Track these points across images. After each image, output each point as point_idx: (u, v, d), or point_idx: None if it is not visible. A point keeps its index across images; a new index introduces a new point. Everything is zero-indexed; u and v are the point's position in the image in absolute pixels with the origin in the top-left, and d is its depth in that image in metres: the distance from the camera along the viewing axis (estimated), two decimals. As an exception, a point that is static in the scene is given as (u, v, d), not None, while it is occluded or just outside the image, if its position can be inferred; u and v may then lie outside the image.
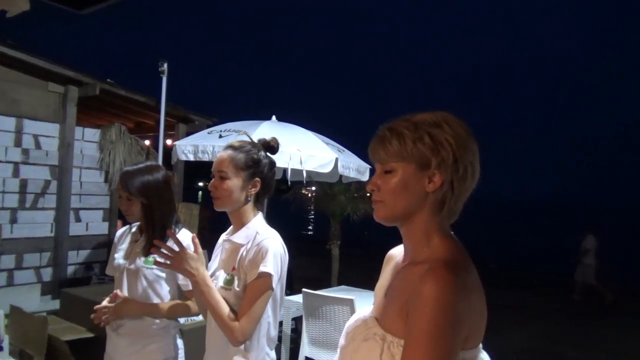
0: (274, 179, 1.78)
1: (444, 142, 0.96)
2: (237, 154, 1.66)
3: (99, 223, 6.32)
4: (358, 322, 1.08)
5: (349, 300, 3.49)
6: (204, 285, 1.56)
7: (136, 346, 1.96)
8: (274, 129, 4.18)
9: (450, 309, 0.87)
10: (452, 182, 0.97)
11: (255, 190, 1.68)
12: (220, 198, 1.65)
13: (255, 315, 1.55)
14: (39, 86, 5.62)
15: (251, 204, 1.70)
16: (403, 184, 0.99)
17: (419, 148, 0.97)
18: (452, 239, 1.01)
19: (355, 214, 6.65)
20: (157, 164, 2.10)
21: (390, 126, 1.02)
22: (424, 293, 0.88)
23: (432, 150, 0.97)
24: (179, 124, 7.08)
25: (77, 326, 3.82)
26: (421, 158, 0.97)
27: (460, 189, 0.98)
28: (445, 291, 0.87)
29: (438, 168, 0.96)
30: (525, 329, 6.98)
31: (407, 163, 0.99)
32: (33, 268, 5.66)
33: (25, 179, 5.52)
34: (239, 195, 1.65)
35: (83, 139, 6.04)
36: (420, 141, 0.97)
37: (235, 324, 1.53)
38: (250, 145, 1.71)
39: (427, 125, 0.98)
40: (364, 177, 4.59)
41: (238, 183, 1.64)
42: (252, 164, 1.66)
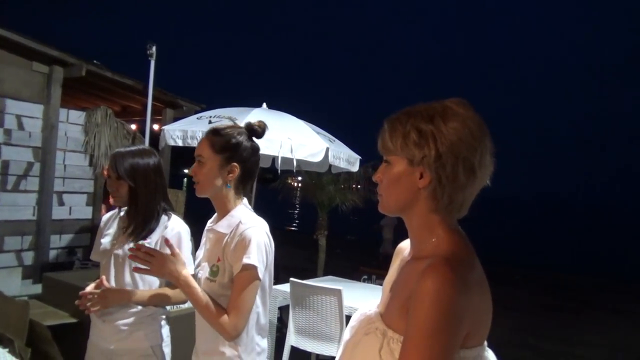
0: (257, 165, 1.72)
1: (429, 137, 0.94)
2: (215, 138, 1.62)
3: (83, 207, 6.22)
4: (362, 316, 1.07)
5: (336, 291, 3.49)
6: (187, 286, 1.53)
7: (122, 333, 1.93)
8: (264, 117, 4.12)
9: (450, 307, 0.85)
10: (440, 179, 0.94)
11: (233, 175, 1.62)
12: (198, 183, 1.62)
13: (245, 309, 1.53)
14: (22, 65, 5.47)
15: (232, 190, 1.65)
16: (397, 178, 0.98)
17: (407, 143, 0.96)
18: (457, 234, 0.98)
19: (344, 205, 6.64)
20: (151, 149, 2.05)
21: (389, 118, 1.01)
22: (423, 289, 0.86)
23: (417, 146, 0.95)
24: (166, 109, 6.97)
25: (60, 311, 3.75)
26: (410, 153, 0.96)
27: (452, 185, 0.94)
28: (444, 287, 0.85)
29: (421, 164, 0.95)
30: (502, 322, 7.10)
31: (400, 157, 0.98)
32: (14, 251, 5.55)
33: (7, 160, 5.39)
34: (215, 179, 1.61)
35: (68, 121, 5.92)
36: (408, 136, 0.96)
37: (225, 320, 1.51)
38: (231, 128, 1.66)
39: (419, 118, 0.96)
40: (354, 167, 4.58)
41: (213, 167, 1.60)
42: (229, 148, 1.61)
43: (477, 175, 0.95)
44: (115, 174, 1.92)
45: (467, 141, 0.94)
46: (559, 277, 12.84)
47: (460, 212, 0.99)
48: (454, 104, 0.98)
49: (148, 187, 1.94)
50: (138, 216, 1.92)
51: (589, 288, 11.47)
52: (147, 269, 1.55)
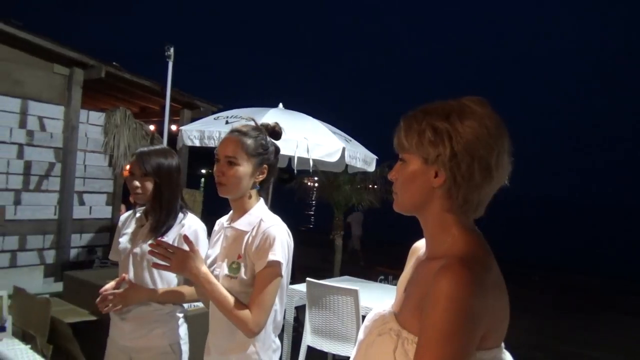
0: (277, 165, 1.74)
1: (445, 136, 0.92)
2: (246, 140, 1.61)
3: (103, 207, 6.31)
4: (377, 316, 1.06)
5: (353, 291, 3.48)
6: (208, 283, 1.52)
7: (141, 331, 1.95)
8: (281, 117, 4.14)
9: (465, 307, 0.83)
10: (455, 178, 0.92)
11: (263, 177, 1.65)
12: (226, 185, 1.60)
13: (267, 305, 1.53)
14: (44, 68, 5.57)
15: (255, 190, 1.66)
16: (411, 177, 0.97)
17: (422, 141, 0.94)
18: (473, 233, 0.97)
19: (361, 205, 6.61)
20: (171, 150, 2.10)
21: (406, 116, 1.00)
22: (438, 289, 0.85)
23: (432, 144, 0.93)
24: (184, 109, 7.04)
25: (80, 309, 3.81)
26: (425, 152, 0.94)
27: (467, 185, 0.92)
28: (459, 288, 0.84)
29: (436, 163, 0.93)
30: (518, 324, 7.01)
31: (415, 156, 0.96)
32: (36, 250, 5.67)
33: (30, 160, 5.50)
34: (247, 182, 1.61)
35: (88, 122, 6.02)
36: (423, 134, 0.94)
37: (248, 316, 1.50)
38: (257, 130, 1.66)
39: (435, 116, 0.94)
40: (370, 167, 4.56)
41: (248, 170, 1.60)
42: (261, 151, 1.63)
43: (493, 175, 0.93)
44: (141, 171, 1.95)
45: (483, 140, 0.92)
46: (576, 278, 12.65)
47: (477, 212, 0.98)
48: (471, 102, 0.96)
49: (171, 185, 1.99)
50: (161, 213, 1.96)
51: (606, 289, 11.29)
52: (167, 265, 1.55)
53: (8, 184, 5.36)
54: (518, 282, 10.66)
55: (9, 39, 5.11)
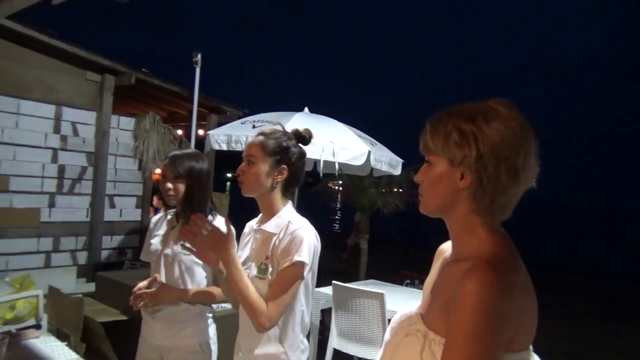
0: (303, 169, 1.76)
1: (470, 137, 0.93)
2: (267, 140, 1.67)
3: (132, 210, 6.47)
4: (403, 317, 1.07)
5: (379, 295, 3.47)
6: (234, 266, 1.54)
7: (172, 330, 2.00)
8: (306, 121, 4.17)
9: (492, 309, 0.83)
10: (481, 180, 0.92)
11: (282, 177, 1.66)
12: (246, 183, 1.65)
13: (283, 302, 1.54)
14: (77, 75, 5.76)
15: (279, 193, 1.69)
16: (437, 179, 0.98)
17: (448, 143, 0.95)
18: (499, 235, 0.96)
19: (386, 208, 6.59)
20: (202, 154, 2.16)
21: (431, 118, 1.00)
22: (465, 291, 0.85)
23: (458, 146, 0.94)
24: (211, 114, 7.16)
25: (111, 309, 3.91)
26: (450, 154, 0.95)
27: (494, 187, 0.92)
28: (487, 290, 0.83)
29: (461, 164, 0.94)
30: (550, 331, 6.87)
31: (441, 158, 0.97)
32: (69, 251, 5.84)
33: (63, 164, 5.69)
34: (264, 180, 1.64)
35: (118, 127, 6.18)
36: (449, 136, 0.95)
37: (262, 309, 1.51)
38: (282, 133, 1.71)
39: (461, 118, 0.95)
40: (396, 171, 4.54)
41: (264, 168, 1.64)
42: (280, 150, 1.66)
43: (520, 177, 0.93)
44: (173, 173, 2.00)
45: (509, 142, 0.92)
46: (609, 284, 12.29)
47: (504, 215, 0.97)
48: (497, 104, 0.96)
49: (201, 188, 2.04)
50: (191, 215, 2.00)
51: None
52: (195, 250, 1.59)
53: (43, 187, 5.55)
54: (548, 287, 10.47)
55: (44, 47, 5.30)
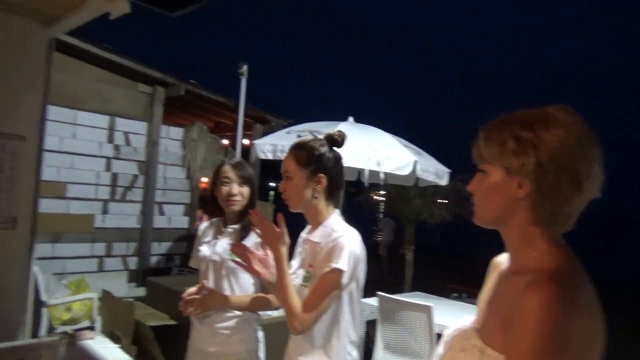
0: (342, 173, 1.73)
1: (528, 145, 0.88)
2: (299, 152, 1.65)
3: (180, 217, 6.65)
4: (457, 331, 1.03)
5: (426, 307, 3.39)
6: (282, 263, 1.57)
7: (220, 336, 2.02)
8: (351, 130, 4.15)
9: (555, 327, 0.78)
10: (541, 189, 0.88)
11: (321, 186, 1.64)
12: (289, 199, 1.65)
13: (317, 307, 1.52)
14: (129, 87, 6.02)
15: (323, 201, 1.67)
16: (492, 188, 0.94)
17: (504, 151, 0.91)
18: (561, 248, 0.92)
19: (432, 219, 6.46)
20: None
21: (486, 126, 0.97)
22: (526, 306, 0.80)
23: (516, 154, 0.89)
24: (255, 124, 7.29)
25: (161, 313, 4.01)
26: (507, 162, 0.91)
27: (555, 196, 0.88)
28: (550, 306, 0.79)
29: (519, 173, 0.89)
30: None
31: (496, 166, 0.93)
32: (120, 256, 6.06)
33: (116, 173, 5.93)
34: (305, 192, 1.63)
35: (168, 136, 6.40)
36: (505, 144, 0.91)
37: (298, 312, 1.52)
38: (313, 141, 1.68)
39: (517, 125, 0.91)
40: (443, 181, 4.46)
41: (302, 181, 1.62)
42: (314, 160, 1.63)
43: (583, 186, 0.88)
44: (241, 179, 2.06)
45: (571, 149, 0.87)
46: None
47: (566, 226, 0.92)
48: (556, 110, 0.92)
49: (256, 193, 2.12)
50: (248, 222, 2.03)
51: None
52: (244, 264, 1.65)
53: (97, 195, 5.80)
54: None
55: (100, 61, 5.58)
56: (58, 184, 5.42)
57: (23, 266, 2.78)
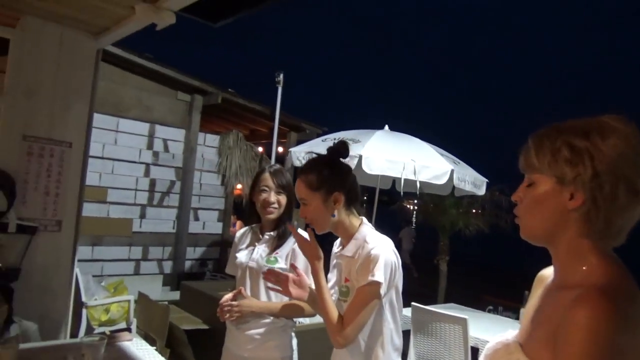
0: (356, 183, 1.71)
1: (585, 154, 0.85)
2: (307, 176, 1.63)
3: (214, 223, 6.76)
4: (499, 345, 1.00)
5: (462, 320, 3.32)
6: (321, 277, 1.58)
7: (255, 342, 2.03)
8: (387, 139, 4.15)
9: (606, 342, 0.75)
10: (596, 200, 0.85)
11: (339, 204, 1.63)
12: (313, 224, 1.65)
13: (360, 322, 1.52)
14: (169, 95, 6.19)
15: (346, 216, 1.66)
16: (540, 199, 0.91)
17: (557, 160, 0.88)
18: (613, 261, 0.88)
19: (468, 229, 6.34)
20: None
21: (536, 134, 0.94)
22: (575, 321, 0.78)
23: (570, 163, 0.86)
24: (290, 132, 7.36)
25: (194, 317, 4.08)
26: (559, 171, 0.88)
27: (610, 208, 0.85)
28: (600, 320, 0.76)
29: (576, 183, 0.86)
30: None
31: (546, 176, 0.90)
32: (156, 260, 6.20)
33: (155, 179, 6.09)
34: (325, 214, 1.63)
35: (204, 144, 6.54)
36: (558, 153, 0.88)
37: (339, 327, 1.52)
38: (317, 162, 1.67)
39: (572, 134, 0.88)
40: (480, 191, 4.38)
41: (319, 204, 1.62)
42: (324, 181, 1.62)
43: (639, 198, 0.85)
44: (278, 187, 2.07)
45: (629, 159, 0.85)
46: None
47: (618, 239, 0.89)
48: (612, 119, 0.89)
49: (294, 202, 2.08)
50: (284, 227, 2.06)
51: None
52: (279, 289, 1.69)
53: (136, 200, 5.97)
54: None
55: (142, 70, 5.76)
56: (99, 189, 5.61)
57: (67, 268, 2.88)
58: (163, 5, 2.04)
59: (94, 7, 2.17)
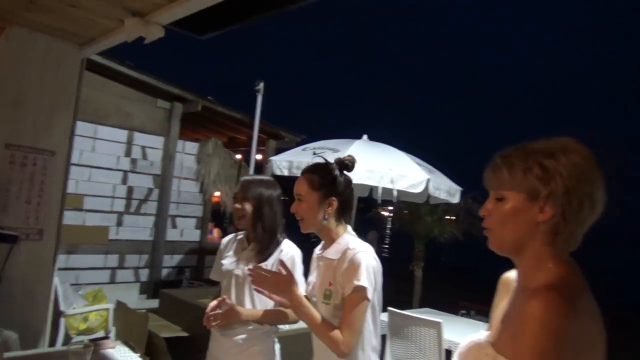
0: (352, 195, 1.83)
1: (555, 173, 0.95)
2: (312, 176, 1.75)
3: (192, 230, 6.74)
4: (472, 344, 1.09)
5: (436, 323, 3.44)
6: (300, 305, 1.64)
7: (240, 347, 2.08)
8: (365, 148, 4.25)
9: (555, 331, 0.84)
10: (564, 214, 0.95)
11: (332, 208, 1.73)
12: (301, 220, 1.74)
13: (356, 327, 1.61)
14: (149, 102, 6.17)
15: (333, 222, 1.76)
16: (512, 213, 1.00)
17: (528, 178, 0.97)
18: (569, 264, 0.99)
19: (443, 236, 6.50)
20: (274, 181, 2.24)
21: (504, 154, 1.03)
22: (528, 313, 0.87)
23: (542, 181, 0.96)
24: (269, 139, 7.40)
25: (173, 325, 4.07)
26: (531, 188, 0.97)
27: (575, 220, 0.95)
28: (550, 310, 0.85)
29: (547, 199, 0.96)
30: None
31: (517, 192, 0.99)
32: (133, 268, 6.14)
33: (132, 186, 6.05)
34: (317, 214, 1.72)
35: (183, 151, 6.52)
36: (530, 171, 0.97)
37: (339, 337, 1.59)
38: (325, 165, 1.78)
39: (540, 154, 0.98)
40: (454, 199, 4.51)
41: (314, 203, 1.72)
42: (325, 184, 1.73)
43: (597, 209, 0.96)
44: (243, 196, 2.13)
45: (589, 176, 0.95)
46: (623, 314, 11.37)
47: (575, 245, 0.99)
48: (570, 141, 0.99)
49: (270, 212, 2.13)
50: (263, 238, 2.10)
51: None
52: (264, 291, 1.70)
53: (113, 207, 5.91)
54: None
55: (123, 77, 5.74)
56: (76, 196, 5.53)
57: (47, 276, 2.88)
58: (152, 19, 2.09)
59: (83, 20, 2.21)
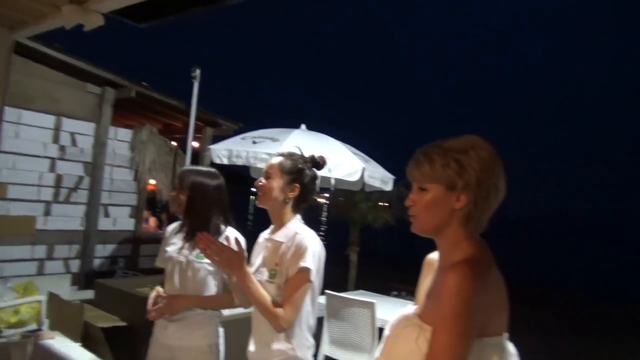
0: (314, 191, 2.00)
1: (469, 167, 1.13)
2: (285, 161, 1.91)
3: (126, 219, 6.57)
4: (401, 317, 1.27)
5: (370, 304, 3.66)
6: (248, 280, 1.75)
7: (184, 331, 2.16)
8: (304, 137, 4.37)
9: (467, 297, 1.03)
10: (476, 201, 1.14)
11: (294, 194, 1.89)
12: (262, 194, 1.89)
13: (296, 305, 1.75)
14: (78, 87, 5.91)
15: (290, 207, 1.90)
16: (434, 202, 1.18)
17: (446, 172, 1.15)
18: (479, 244, 1.19)
19: (377, 222, 6.79)
20: (216, 172, 2.30)
21: (424, 151, 1.21)
22: (447, 283, 1.06)
23: (458, 174, 1.13)
24: (206, 127, 7.32)
25: (110, 315, 4.01)
26: (449, 180, 1.15)
27: (484, 206, 1.15)
28: (464, 281, 1.04)
29: (463, 189, 1.14)
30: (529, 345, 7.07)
31: (437, 184, 1.17)
32: (62, 259, 5.91)
33: (61, 174, 5.79)
34: (277, 194, 1.87)
35: (116, 138, 6.31)
36: (448, 166, 1.14)
37: (280, 312, 1.73)
38: (299, 156, 1.95)
39: (455, 151, 1.16)
40: (387, 187, 4.75)
41: (279, 184, 1.87)
42: (295, 171, 1.89)
43: (500, 196, 1.17)
44: (178, 185, 2.22)
45: (494, 169, 1.16)
46: (590, 300, 12.60)
47: (484, 227, 1.20)
48: (476, 139, 1.19)
49: (204, 201, 2.20)
50: (194, 225, 2.17)
51: (619, 312, 11.23)
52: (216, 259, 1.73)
53: (40, 196, 5.64)
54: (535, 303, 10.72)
55: (49, 60, 5.45)
56: (-2, 185, 5.24)
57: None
58: (91, 7, 2.07)
59: (15, 2, 2.14)
